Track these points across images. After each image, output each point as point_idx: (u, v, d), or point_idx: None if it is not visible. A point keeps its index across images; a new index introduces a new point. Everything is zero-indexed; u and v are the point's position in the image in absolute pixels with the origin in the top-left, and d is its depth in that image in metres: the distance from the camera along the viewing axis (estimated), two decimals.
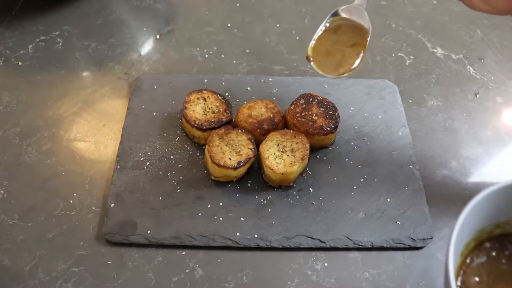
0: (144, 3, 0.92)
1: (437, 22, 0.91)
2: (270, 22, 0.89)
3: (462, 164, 0.70)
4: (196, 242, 0.60)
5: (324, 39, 0.62)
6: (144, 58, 0.82)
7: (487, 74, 0.83)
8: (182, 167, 0.67)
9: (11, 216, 0.62)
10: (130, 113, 0.72)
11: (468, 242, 0.51)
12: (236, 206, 0.63)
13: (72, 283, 0.57)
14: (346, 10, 0.63)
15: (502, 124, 0.76)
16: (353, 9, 0.63)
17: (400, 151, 0.70)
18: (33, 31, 0.85)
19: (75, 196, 0.64)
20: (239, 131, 0.66)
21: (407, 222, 0.62)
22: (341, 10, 0.63)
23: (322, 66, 0.61)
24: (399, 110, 0.75)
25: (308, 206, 0.63)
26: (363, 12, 0.63)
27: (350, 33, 0.63)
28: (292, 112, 0.68)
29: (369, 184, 0.66)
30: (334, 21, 0.63)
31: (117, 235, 0.60)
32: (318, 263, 0.60)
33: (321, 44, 0.62)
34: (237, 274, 0.58)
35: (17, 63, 0.80)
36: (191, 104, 0.69)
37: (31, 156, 0.68)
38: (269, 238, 0.60)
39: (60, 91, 0.76)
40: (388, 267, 0.60)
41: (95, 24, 0.87)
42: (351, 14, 0.63)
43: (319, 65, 0.61)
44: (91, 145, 0.70)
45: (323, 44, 0.62)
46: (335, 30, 0.63)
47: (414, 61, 0.84)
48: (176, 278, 0.58)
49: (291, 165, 0.62)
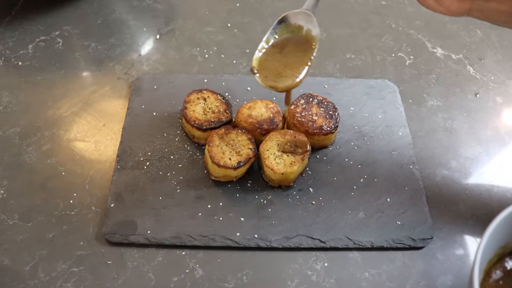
0: (144, 3, 0.92)
1: (437, 22, 0.91)
2: (270, 22, 0.89)
3: (462, 164, 0.70)
4: (196, 242, 0.60)
5: (271, 56, 0.60)
6: (144, 58, 0.82)
7: (487, 74, 0.83)
8: (182, 167, 0.67)
9: (11, 216, 0.62)
10: (130, 113, 0.72)
11: (491, 258, 0.50)
12: (236, 206, 0.63)
13: (72, 283, 0.57)
14: (294, 16, 0.61)
15: (502, 124, 0.76)
16: (301, 15, 0.61)
17: (400, 151, 0.70)
18: (33, 31, 0.85)
19: (75, 196, 0.64)
20: (239, 131, 0.66)
21: (407, 222, 0.62)
22: (289, 16, 0.61)
23: (267, 80, 0.59)
24: (399, 110, 0.75)
25: (308, 206, 0.63)
26: (312, 17, 0.61)
27: (296, 52, 0.60)
28: (292, 112, 0.68)
29: (369, 184, 0.66)
30: (282, 33, 0.61)
31: (117, 235, 0.60)
32: (318, 263, 0.60)
33: (267, 60, 0.60)
34: (237, 274, 0.58)
35: (17, 63, 0.80)
36: (191, 104, 0.69)
37: (31, 156, 0.68)
38: (269, 238, 0.60)
39: (60, 91, 0.76)
40: (388, 267, 0.60)
41: (95, 24, 0.87)
42: (299, 20, 0.61)
43: (264, 79, 0.59)
44: (91, 145, 0.70)
45: (269, 61, 0.60)
46: (281, 48, 0.61)
47: (414, 61, 0.84)
48: (176, 278, 0.58)
49: (291, 165, 0.62)
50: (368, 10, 0.93)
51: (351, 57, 0.84)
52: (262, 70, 0.60)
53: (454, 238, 0.62)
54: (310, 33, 0.61)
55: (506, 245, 0.51)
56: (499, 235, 0.48)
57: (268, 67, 0.60)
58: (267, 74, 0.60)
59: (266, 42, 0.62)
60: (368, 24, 0.90)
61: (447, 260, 0.60)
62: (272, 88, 0.59)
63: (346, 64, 0.83)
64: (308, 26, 0.61)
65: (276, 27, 0.62)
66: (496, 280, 0.50)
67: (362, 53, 0.85)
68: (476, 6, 0.55)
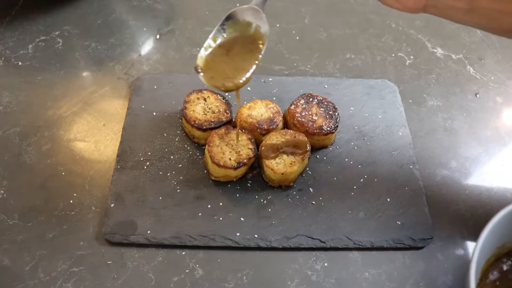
0: (144, 3, 0.92)
1: (437, 22, 0.91)
2: (270, 22, 0.89)
3: (462, 164, 0.70)
4: (196, 242, 0.60)
5: (218, 58, 0.58)
6: (144, 58, 0.82)
7: (487, 74, 0.83)
8: (182, 167, 0.67)
9: (11, 216, 0.62)
10: (130, 113, 0.72)
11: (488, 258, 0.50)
12: (236, 206, 0.63)
13: (72, 283, 0.57)
14: (243, 13, 0.59)
15: (502, 124, 0.76)
16: (250, 11, 0.59)
17: (400, 151, 0.70)
18: (33, 31, 0.85)
19: (75, 196, 0.64)
20: (239, 131, 0.66)
21: (407, 222, 0.62)
22: (237, 12, 0.59)
23: (212, 81, 0.57)
24: (399, 110, 0.75)
25: (308, 206, 0.63)
26: (261, 13, 0.59)
27: (244, 54, 0.59)
28: (292, 112, 0.68)
29: (369, 184, 0.66)
30: (230, 31, 0.59)
31: (117, 235, 0.60)
32: (318, 263, 0.60)
33: (213, 61, 0.58)
34: (237, 274, 0.58)
35: (17, 63, 0.80)
36: (191, 104, 0.69)
37: (31, 156, 0.68)
38: (269, 238, 0.60)
39: (60, 91, 0.76)
40: (388, 267, 0.60)
41: (95, 24, 0.87)
42: (248, 17, 0.59)
43: (209, 80, 0.57)
44: (91, 145, 0.70)
45: (217, 62, 0.58)
46: (228, 50, 0.59)
47: (414, 61, 0.84)
48: (176, 278, 0.58)
49: (291, 165, 0.62)
50: (368, 10, 0.93)
51: (351, 57, 0.84)
52: (208, 70, 0.58)
53: (454, 238, 0.62)
54: (259, 30, 0.59)
55: (503, 245, 0.51)
56: (496, 235, 0.48)
57: (216, 69, 0.58)
58: (214, 75, 0.58)
59: (213, 40, 0.59)
60: (368, 24, 0.90)
61: (447, 260, 0.60)
62: (217, 88, 0.57)
63: (346, 64, 0.83)
64: (257, 22, 0.59)
65: (224, 23, 0.59)
66: (493, 280, 0.50)
67: (362, 53, 0.85)
68: (432, 2, 0.55)
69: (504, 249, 0.51)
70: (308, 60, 0.83)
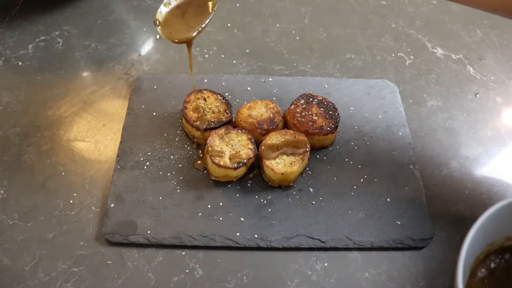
0: (144, 3, 0.92)
1: (437, 22, 0.91)
2: (270, 22, 0.89)
3: (462, 164, 0.70)
4: (196, 242, 0.60)
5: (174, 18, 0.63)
6: (144, 58, 0.82)
7: (487, 74, 0.83)
8: (182, 167, 0.67)
9: (11, 216, 0.62)
10: (130, 113, 0.72)
11: (478, 255, 0.50)
12: (236, 206, 0.63)
13: (72, 283, 0.57)
14: None
15: (502, 124, 0.76)
16: None
17: (400, 151, 0.70)
18: (33, 31, 0.85)
19: (75, 196, 0.64)
20: (239, 131, 0.66)
21: (407, 222, 0.62)
22: None
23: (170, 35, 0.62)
24: (399, 110, 0.75)
25: (308, 206, 0.63)
26: None
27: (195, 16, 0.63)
28: (292, 112, 0.68)
29: (369, 184, 0.66)
30: None
31: (117, 235, 0.60)
32: (318, 263, 0.60)
33: (171, 20, 0.63)
34: (237, 274, 0.58)
35: (17, 63, 0.80)
36: (191, 104, 0.69)
37: (31, 156, 0.68)
38: (269, 238, 0.60)
39: (60, 91, 0.76)
40: (388, 267, 0.60)
41: (95, 24, 0.87)
42: None
43: (168, 35, 0.62)
44: (91, 145, 0.70)
45: (173, 21, 0.63)
46: (183, 13, 0.63)
47: (414, 61, 0.84)
48: (176, 278, 0.58)
49: (291, 165, 0.62)
50: (368, 10, 0.93)
51: (351, 57, 0.84)
52: (166, 26, 0.62)
53: (454, 238, 0.62)
54: None
55: (493, 243, 0.51)
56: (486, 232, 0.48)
57: (173, 26, 0.63)
58: (172, 31, 0.62)
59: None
60: (368, 24, 0.90)
61: (447, 260, 0.60)
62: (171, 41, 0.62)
63: (346, 64, 0.83)
64: None
65: None
66: (481, 278, 0.50)
67: (362, 53, 0.85)
68: None
69: (494, 246, 0.51)
70: (308, 60, 0.83)
